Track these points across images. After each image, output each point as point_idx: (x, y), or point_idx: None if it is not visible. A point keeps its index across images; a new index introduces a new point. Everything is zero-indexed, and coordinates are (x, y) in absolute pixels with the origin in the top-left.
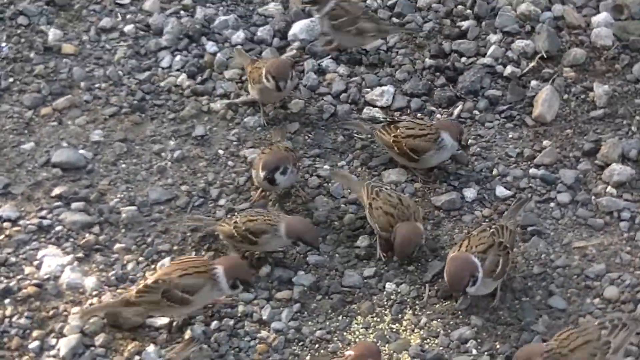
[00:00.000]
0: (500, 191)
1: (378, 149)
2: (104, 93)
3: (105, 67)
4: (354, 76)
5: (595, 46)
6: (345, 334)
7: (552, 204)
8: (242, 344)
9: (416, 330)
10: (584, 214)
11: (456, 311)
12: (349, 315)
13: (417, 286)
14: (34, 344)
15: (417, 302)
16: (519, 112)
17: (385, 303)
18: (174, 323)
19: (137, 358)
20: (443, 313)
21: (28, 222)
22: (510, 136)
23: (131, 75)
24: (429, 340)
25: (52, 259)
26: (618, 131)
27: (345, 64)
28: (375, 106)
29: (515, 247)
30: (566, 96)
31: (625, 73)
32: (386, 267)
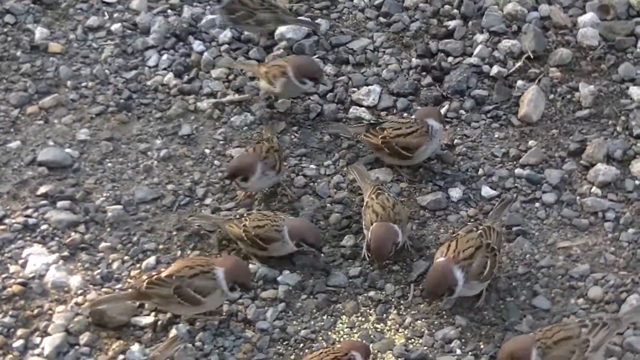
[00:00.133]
0: (486, 191)
1: (364, 148)
2: (90, 92)
3: (92, 66)
4: (340, 75)
5: (581, 46)
6: (330, 333)
7: (537, 204)
8: (227, 343)
9: (401, 330)
10: (569, 214)
11: (441, 311)
12: (333, 315)
13: (402, 286)
14: (18, 343)
15: (401, 301)
16: (505, 112)
17: (370, 303)
18: (159, 322)
19: (121, 357)
20: (427, 313)
21: (13, 221)
22: (496, 136)
23: (118, 74)
24: (413, 340)
25: (37, 257)
26: (603, 131)
27: (332, 63)
28: (361, 106)
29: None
30: (552, 96)
31: (611, 73)
32: (371, 266)
